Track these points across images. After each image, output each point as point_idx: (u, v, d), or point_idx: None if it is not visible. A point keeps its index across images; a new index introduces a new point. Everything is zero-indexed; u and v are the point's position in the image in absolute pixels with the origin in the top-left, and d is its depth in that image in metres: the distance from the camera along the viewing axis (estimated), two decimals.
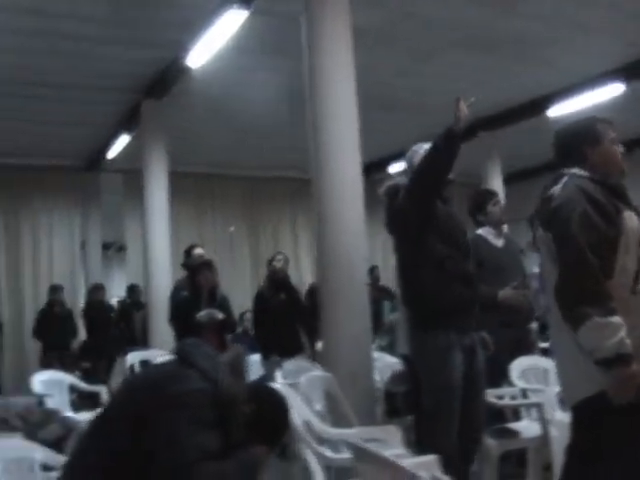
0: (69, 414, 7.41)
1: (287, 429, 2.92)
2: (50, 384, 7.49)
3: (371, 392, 5.73)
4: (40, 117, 11.26)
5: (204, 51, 8.45)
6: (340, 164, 5.99)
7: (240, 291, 13.82)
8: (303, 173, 14.72)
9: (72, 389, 7.80)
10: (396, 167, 12.82)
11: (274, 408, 2.87)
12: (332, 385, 5.10)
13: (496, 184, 12.46)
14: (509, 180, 13.85)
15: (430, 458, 3.15)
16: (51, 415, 5.31)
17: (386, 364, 6.46)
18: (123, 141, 12.04)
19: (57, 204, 14.49)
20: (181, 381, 2.69)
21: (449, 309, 4.18)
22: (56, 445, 5.02)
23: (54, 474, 3.52)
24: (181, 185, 11.60)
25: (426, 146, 4.40)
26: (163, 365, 2.89)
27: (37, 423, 5.12)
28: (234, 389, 2.76)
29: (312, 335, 7.85)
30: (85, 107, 10.92)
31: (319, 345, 8.00)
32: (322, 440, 3.85)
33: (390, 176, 4.67)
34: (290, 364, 7.29)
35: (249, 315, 10.05)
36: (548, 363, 5.68)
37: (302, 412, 4.08)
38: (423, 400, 4.31)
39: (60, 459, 3.77)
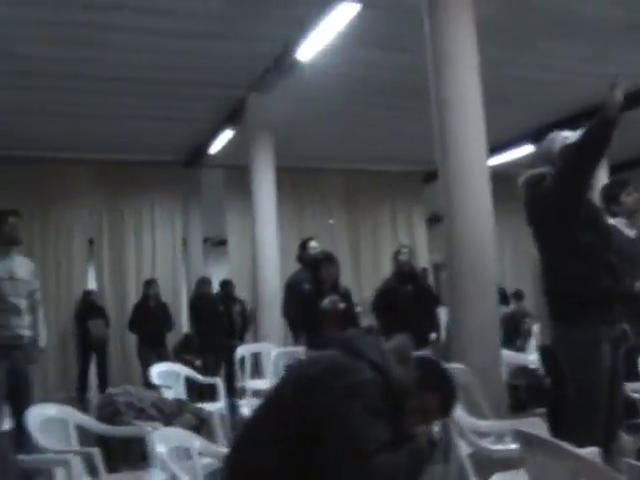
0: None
1: (455, 400, 2.94)
2: (167, 376, 7.65)
3: (500, 385, 5.67)
4: (144, 113, 11.46)
5: (314, 45, 8.46)
6: (466, 155, 5.95)
7: (343, 283, 13.81)
8: (404, 166, 14.97)
9: (188, 381, 7.95)
10: (495, 160, 12.59)
11: (441, 382, 2.88)
12: (467, 378, 5.04)
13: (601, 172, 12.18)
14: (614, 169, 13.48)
15: (592, 450, 3.06)
16: (184, 405, 5.39)
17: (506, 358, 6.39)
18: (226, 136, 12.13)
19: (159, 200, 14.75)
20: (353, 373, 2.67)
21: (597, 301, 4.07)
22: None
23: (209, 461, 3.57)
24: (282, 179, 11.63)
25: (565, 134, 4.31)
26: (329, 358, 2.84)
27: (171, 413, 5.20)
28: (404, 377, 2.74)
29: (437, 329, 7.81)
30: (190, 102, 11.06)
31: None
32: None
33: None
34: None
35: (359, 309, 10.01)
36: None
37: None
38: (568, 393, 4.21)
39: (214, 449, 3.86)
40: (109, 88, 10.24)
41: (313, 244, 8.29)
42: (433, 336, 7.74)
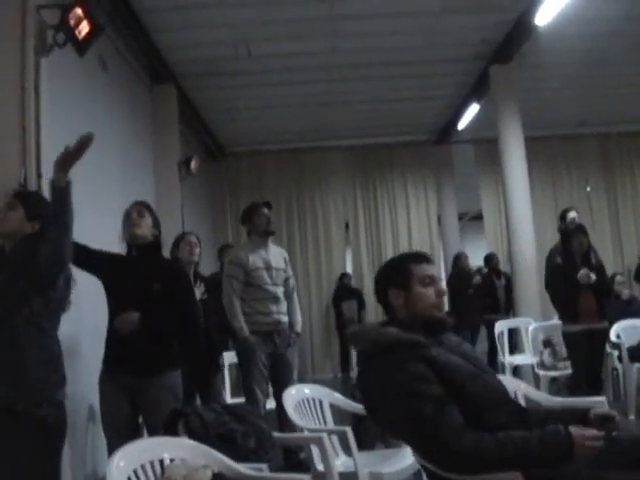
0: None
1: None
2: None
3: None
4: (391, 96, 11.64)
5: (551, 7, 8.14)
6: None
7: (603, 253, 13.31)
8: None
9: None
10: None
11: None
12: None
13: None
14: None
15: None
16: None
17: None
18: (472, 111, 12.02)
19: (411, 179, 14.92)
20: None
21: None
22: None
23: None
24: (533, 149, 11.32)
25: None
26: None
27: None
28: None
29: None
30: (433, 81, 11.07)
31: None
32: None
33: None
34: None
35: (619, 278, 9.57)
36: None
37: None
38: None
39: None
40: (354, 75, 10.52)
41: (572, 214, 8.02)
42: None
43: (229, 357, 7.03)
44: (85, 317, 5.13)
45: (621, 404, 7.67)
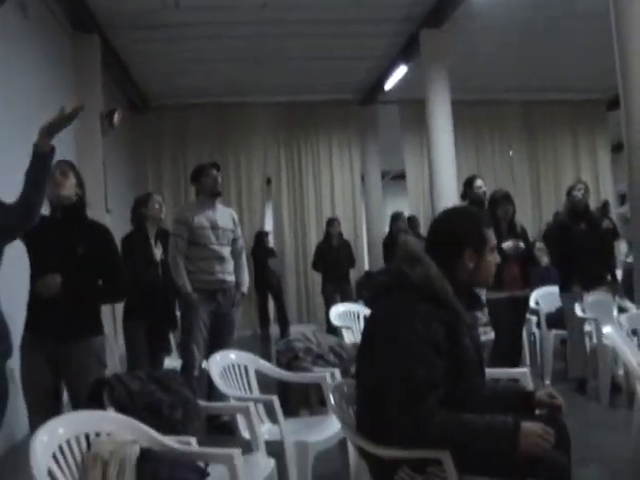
0: None
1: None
2: (346, 316, 7.77)
3: None
4: (320, 54, 11.53)
5: None
6: None
7: (523, 218, 13.56)
8: (586, 94, 14.29)
9: None
10: None
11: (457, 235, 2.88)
12: None
13: None
14: None
15: None
16: None
17: None
18: (400, 72, 11.98)
19: (336, 138, 14.90)
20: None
21: None
22: None
23: None
24: (458, 113, 11.40)
25: None
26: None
27: (349, 359, 5.27)
28: (423, 274, 2.77)
29: (611, 267, 7.47)
30: (362, 40, 11.01)
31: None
32: None
33: None
34: (590, 297, 7.04)
35: (539, 245, 9.73)
36: None
37: (634, 353, 3.86)
38: None
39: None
40: (283, 31, 10.38)
41: (479, 182, 8.06)
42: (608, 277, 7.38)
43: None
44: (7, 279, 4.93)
45: (537, 369, 7.86)
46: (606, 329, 3.94)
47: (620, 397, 6.63)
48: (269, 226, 14.98)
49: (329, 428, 4.26)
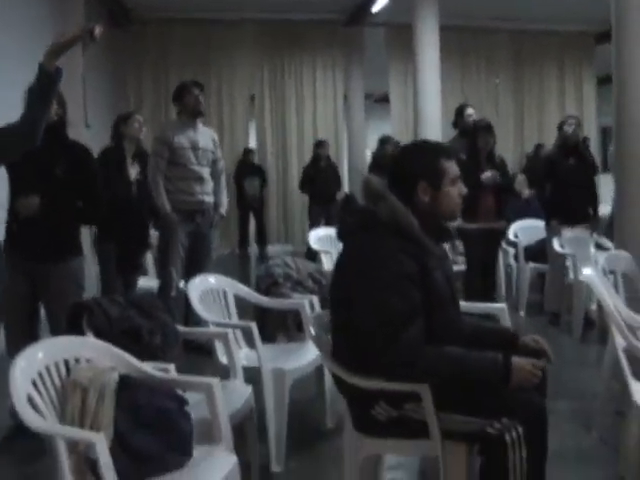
0: None
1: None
2: (326, 241, 7.78)
3: None
4: None
5: None
6: None
7: (505, 147, 13.61)
8: (575, 26, 14.12)
9: None
10: None
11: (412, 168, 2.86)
12: (630, 266, 4.83)
13: None
14: None
15: None
16: None
17: None
18: None
19: (320, 57, 14.72)
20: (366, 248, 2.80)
21: None
22: None
23: None
24: (446, 38, 11.26)
25: None
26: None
27: (328, 285, 5.26)
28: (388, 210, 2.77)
29: (595, 204, 7.48)
30: None
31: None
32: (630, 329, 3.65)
33: None
34: (569, 232, 7.08)
35: (520, 177, 9.72)
36: None
37: (611, 296, 3.89)
38: None
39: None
40: None
41: (469, 111, 8.01)
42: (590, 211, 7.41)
43: (155, 236, 6.90)
44: None
45: (512, 301, 7.94)
46: (585, 270, 3.95)
47: (592, 332, 6.74)
48: (253, 144, 14.85)
49: (306, 355, 4.30)
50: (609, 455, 4.01)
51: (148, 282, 6.88)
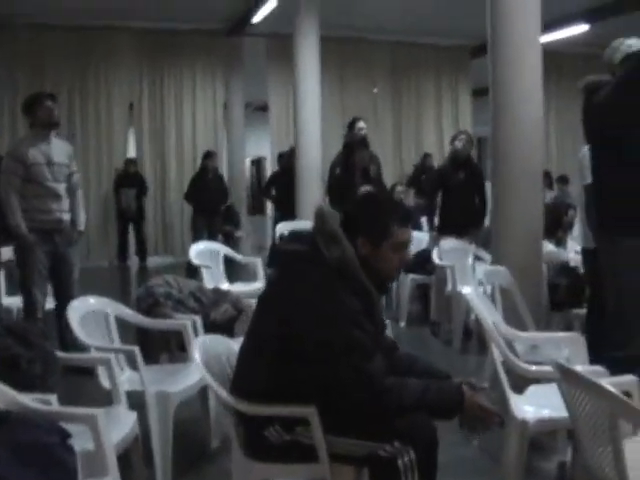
0: (225, 285, 7.66)
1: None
2: (206, 254, 7.72)
3: (540, 286, 5.64)
4: None
5: None
6: (519, 26, 5.77)
7: (381, 155, 13.85)
8: (452, 39, 14.53)
9: (227, 259, 8.01)
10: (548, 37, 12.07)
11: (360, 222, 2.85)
12: (508, 280, 5.00)
13: None
14: None
15: (630, 380, 3.03)
16: (222, 296, 5.41)
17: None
18: (270, 5, 11.74)
19: (200, 67, 14.63)
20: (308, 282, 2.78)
21: None
22: (228, 325, 5.17)
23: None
24: (326, 48, 11.38)
25: (630, 41, 4.18)
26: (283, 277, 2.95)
27: (210, 304, 5.24)
28: (339, 253, 2.76)
29: (479, 217, 7.72)
30: None
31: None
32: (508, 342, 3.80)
33: None
34: (448, 243, 7.27)
35: (400, 188, 9.91)
36: None
37: (490, 312, 4.01)
38: (608, 302, 4.15)
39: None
40: None
41: (360, 124, 8.13)
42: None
43: (6, 252, 6.64)
44: None
45: (393, 312, 8.07)
46: (465, 289, 4.07)
47: (472, 342, 6.92)
48: (132, 153, 14.59)
49: (190, 376, 4.23)
50: (490, 465, 4.12)
51: (13, 301, 6.63)
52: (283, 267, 2.99)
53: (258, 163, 23.03)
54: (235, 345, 3.49)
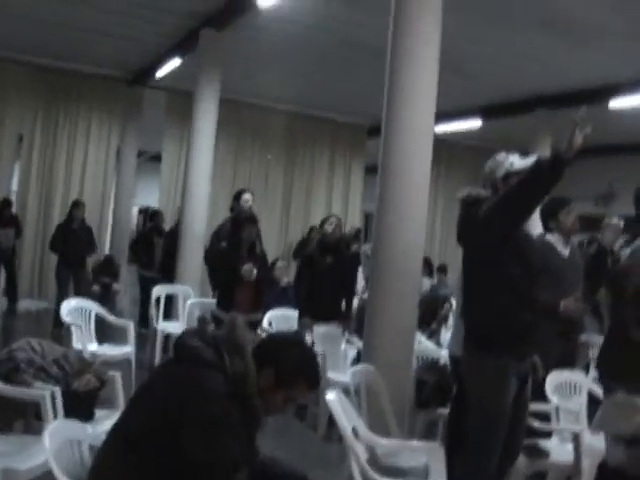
0: (93, 346, 7.47)
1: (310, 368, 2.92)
2: (77, 312, 7.54)
3: (407, 383, 5.70)
4: (96, 26, 11.05)
5: None
6: (413, 111, 5.89)
7: (271, 226, 14.00)
8: (350, 117, 14.88)
9: (98, 319, 7.82)
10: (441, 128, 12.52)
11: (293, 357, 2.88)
12: (375, 379, 5.04)
13: None
14: None
15: None
16: (87, 366, 5.25)
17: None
18: (174, 63, 11.78)
19: (97, 112, 14.31)
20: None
21: (514, 336, 4.07)
22: (89, 396, 5.02)
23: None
24: (224, 110, 11.42)
25: (512, 158, 4.23)
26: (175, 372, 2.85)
27: (73, 373, 5.08)
28: (241, 369, 2.77)
29: (349, 303, 7.79)
30: (144, 25, 10.73)
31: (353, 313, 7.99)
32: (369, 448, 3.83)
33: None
34: (321, 329, 7.27)
35: (280, 264, 9.94)
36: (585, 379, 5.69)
37: (351, 418, 4.04)
38: (469, 421, 4.22)
39: None
40: None
41: (246, 196, 8.16)
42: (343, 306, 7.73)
43: None
44: None
45: None
46: (329, 395, 4.10)
47: (336, 429, 6.85)
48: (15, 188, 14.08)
49: (42, 454, 4.06)
50: None
51: None
52: (179, 363, 2.88)
53: (146, 212, 22.73)
54: (89, 429, 3.41)
